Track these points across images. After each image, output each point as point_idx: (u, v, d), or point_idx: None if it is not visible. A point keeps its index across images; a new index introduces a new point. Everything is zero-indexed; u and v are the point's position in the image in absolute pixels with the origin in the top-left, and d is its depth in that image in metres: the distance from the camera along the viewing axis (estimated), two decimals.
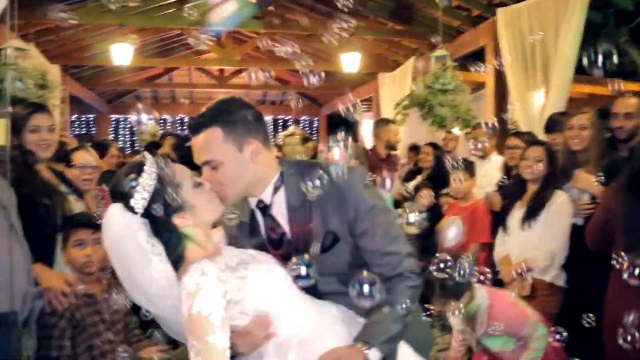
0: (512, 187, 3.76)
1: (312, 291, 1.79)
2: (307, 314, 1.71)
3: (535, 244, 3.37)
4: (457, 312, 2.72)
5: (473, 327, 2.84)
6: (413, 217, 1.89)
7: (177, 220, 1.62)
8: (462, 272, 2.62)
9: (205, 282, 1.51)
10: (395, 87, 8.58)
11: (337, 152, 1.71)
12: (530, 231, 3.41)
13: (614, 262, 2.15)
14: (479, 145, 4.38)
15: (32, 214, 2.56)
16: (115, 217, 1.61)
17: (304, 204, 1.78)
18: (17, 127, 2.71)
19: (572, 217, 3.32)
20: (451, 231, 4.12)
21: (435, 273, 2.67)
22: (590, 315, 2.57)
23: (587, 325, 2.54)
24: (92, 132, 13.51)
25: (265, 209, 1.83)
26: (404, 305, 1.73)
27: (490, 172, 4.89)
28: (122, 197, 1.62)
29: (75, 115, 13.10)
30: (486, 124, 5.19)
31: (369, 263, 1.78)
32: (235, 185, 1.76)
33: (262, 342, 1.65)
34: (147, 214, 1.61)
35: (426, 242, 4.53)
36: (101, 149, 4.97)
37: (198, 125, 1.75)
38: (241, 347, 1.63)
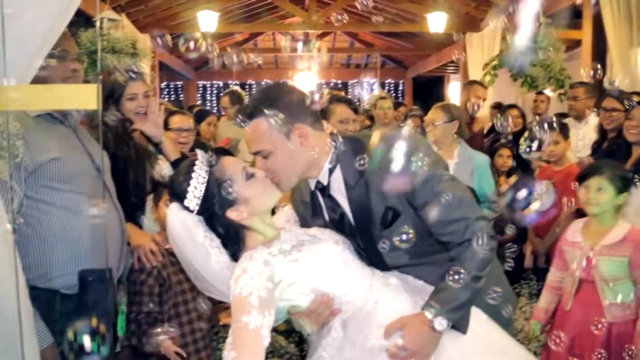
0: (611, 151, 3.51)
1: (380, 265, 1.79)
2: (367, 287, 1.72)
3: (636, 211, 3.14)
4: None
5: (607, 230, 2.79)
6: None
7: (232, 213, 1.67)
8: None
9: (250, 265, 1.58)
10: (484, 47, 8.26)
11: None
12: (630, 197, 3.18)
13: None
14: None
15: (125, 175, 2.66)
16: (173, 216, 1.70)
17: (360, 182, 1.75)
18: (115, 96, 2.81)
19: None
20: (541, 195, 3.92)
21: None
22: None
23: None
24: (181, 99, 13.98)
25: (323, 189, 1.82)
26: (472, 271, 1.66)
27: (587, 136, 4.60)
28: (178, 196, 1.69)
29: (165, 83, 13.57)
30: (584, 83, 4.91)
31: (435, 234, 1.73)
32: (289, 171, 1.75)
33: (329, 320, 1.69)
34: (202, 210, 1.67)
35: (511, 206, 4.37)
36: (198, 116, 5.11)
37: (245, 116, 1.74)
38: (309, 326, 1.67)
